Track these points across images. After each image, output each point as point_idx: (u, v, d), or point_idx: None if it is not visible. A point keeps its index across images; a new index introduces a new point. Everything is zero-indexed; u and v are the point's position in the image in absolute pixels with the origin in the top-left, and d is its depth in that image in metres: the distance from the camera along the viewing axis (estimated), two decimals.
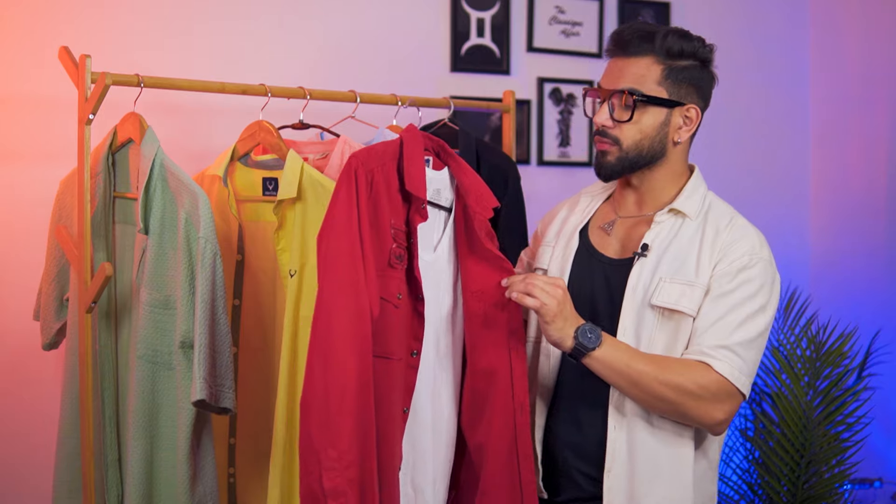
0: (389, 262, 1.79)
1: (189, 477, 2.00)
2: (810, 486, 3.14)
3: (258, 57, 2.73)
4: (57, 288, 2.23)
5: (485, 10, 3.08)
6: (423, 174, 1.82)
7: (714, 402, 1.76)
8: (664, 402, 1.76)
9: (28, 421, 2.49)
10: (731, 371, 1.76)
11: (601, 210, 2.01)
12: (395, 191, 1.82)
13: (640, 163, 1.87)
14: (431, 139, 1.93)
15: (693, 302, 1.80)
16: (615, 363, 1.75)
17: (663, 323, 1.82)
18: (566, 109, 3.23)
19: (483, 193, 1.90)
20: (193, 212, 1.98)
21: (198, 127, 2.61)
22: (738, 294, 1.80)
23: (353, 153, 1.82)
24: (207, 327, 1.96)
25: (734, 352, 1.77)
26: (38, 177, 2.40)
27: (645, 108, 1.84)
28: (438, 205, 1.91)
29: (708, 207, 1.90)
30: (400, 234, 1.81)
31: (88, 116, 2.01)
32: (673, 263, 1.84)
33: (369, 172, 1.78)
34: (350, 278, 1.71)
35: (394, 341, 1.80)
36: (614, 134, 1.85)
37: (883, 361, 3.29)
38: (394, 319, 1.79)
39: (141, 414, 2.02)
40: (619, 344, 1.79)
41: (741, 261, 1.81)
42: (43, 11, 2.50)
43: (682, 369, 1.76)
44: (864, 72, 3.49)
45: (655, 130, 1.86)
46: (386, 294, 1.78)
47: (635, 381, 1.75)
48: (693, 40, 1.86)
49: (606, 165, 1.88)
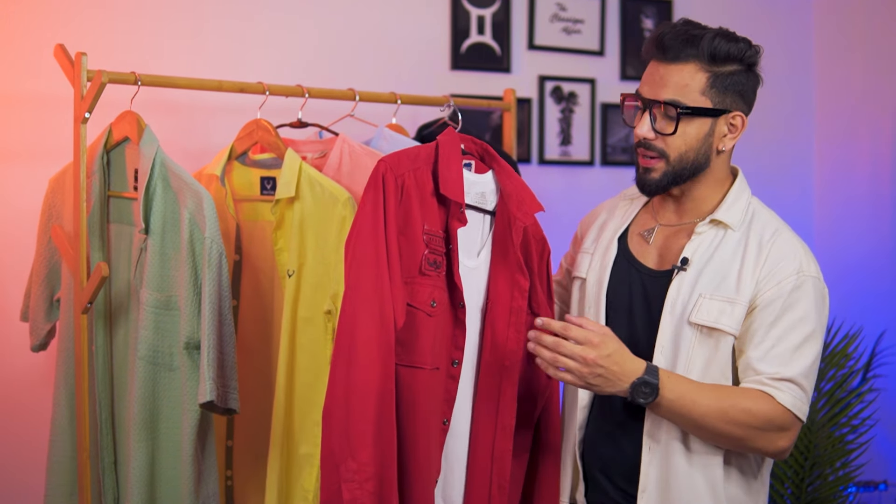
0: (421, 270, 1.75)
1: (194, 479, 1.99)
2: (814, 489, 3.13)
3: (256, 55, 2.72)
4: (47, 288, 2.22)
5: (485, 8, 3.07)
6: (460, 178, 1.78)
7: (779, 432, 1.73)
8: (729, 439, 1.73)
9: (18, 422, 2.48)
10: (795, 402, 1.72)
11: (640, 215, 1.95)
12: (428, 195, 1.77)
13: (685, 175, 1.80)
14: (475, 142, 1.89)
15: (734, 320, 1.75)
16: (679, 406, 1.70)
17: (702, 340, 1.77)
18: (567, 108, 3.21)
19: (525, 198, 1.84)
20: (198, 212, 1.97)
21: (195, 126, 2.61)
22: (790, 317, 1.75)
23: (382, 158, 1.76)
24: (215, 328, 1.96)
25: (797, 383, 1.73)
26: (33, 176, 2.39)
27: (690, 119, 1.76)
28: (482, 209, 1.86)
29: (752, 216, 1.84)
30: (436, 239, 1.77)
31: (84, 115, 2.01)
32: (714, 279, 1.78)
33: (399, 177, 1.74)
34: (374, 287, 1.68)
35: (427, 351, 1.75)
36: (659, 146, 1.78)
37: (888, 363, 3.28)
38: (427, 328, 1.75)
39: (142, 415, 2.01)
40: (677, 385, 1.70)
41: (789, 281, 1.76)
42: (39, 9, 2.49)
43: (746, 403, 1.71)
44: (869, 66, 3.48)
45: (700, 141, 1.78)
46: (416, 302, 1.74)
47: (699, 425, 1.71)
48: (739, 42, 1.77)
49: (651, 182, 1.81)
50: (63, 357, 2.16)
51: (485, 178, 1.87)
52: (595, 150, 3.28)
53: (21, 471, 2.47)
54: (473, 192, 1.84)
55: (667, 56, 1.76)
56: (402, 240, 1.74)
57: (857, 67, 3.53)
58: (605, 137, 3.28)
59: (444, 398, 1.78)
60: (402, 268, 1.73)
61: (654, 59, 1.80)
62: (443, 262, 1.78)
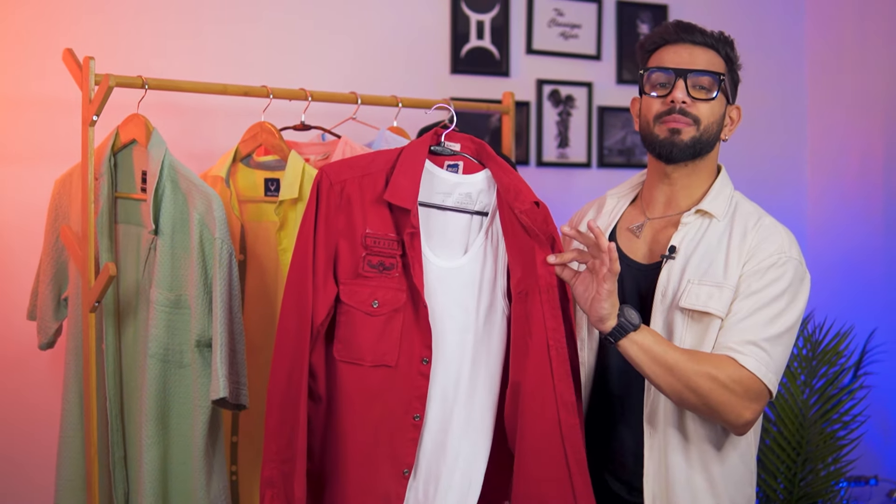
0: (358, 272, 1.78)
1: (205, 474, 2.00)
2: (807, 484, 3.14)
3: (260, 59, 2.73)
4: (54, 288, 2.23)
5: (484, 13, 3.08)
6: (415, 184, 1.78)
7: (744, 400, 1.72)
8: (695, 394, 1.70)
9: (27, 419, 2.49)
10: (758, 366, 1.72)
11: (628, 212, 1.98)
12: (372, 200, 1.79)
13: (704, 149, 1.87)
14: (474, 141, 1.88)
15: (722, 303, 1.77)
16: (654, 348, 1.70)
17: (692, 325, 1.79)
18: (565, 111, 3.22)
19: (521, 189, 1.83)
20: (207, 213, 1.98)
21: (200, 128, 2.61)
22: (766, 292, 1.77)
23: (323, 166, 1.82)
24: (227, 326, 1.97)
25: (760, 347, 1.73)
26: (40, 177, 2.39)
27: (721, 91, 1.86)
28: (467, 210, 1.85)
29: (735, 208, 1.88)
30: (384, 242, 1.78)
31: (92, 118, 2.01)
32: (701, 265, 1.81)
33: (337, 184, 1.78)
34: (297, 286, 1.76)
35: (368, 348, 1.77)
36: (693, 112, 1.84)
37: (878, 360, 3.29)
38: (367, 327, 1.77)
39: (153, 411, 2.02)
40: (655, 332, 1.75)
41: (770, 259, 1.79)
42: (47, 14, 2.50)
43: (716, 361, 1.72)
44: (860, 69, 3.49)
45: (719, 118, 1.88)
46: (353, 302, 1.77)
47: (671, 368, 1.69)
48: (735, 50, 1.91)
49: (680, 143, 1.84)
50: (72, 355, 2.17)
51: (473, 178, 1.86)
52: (592, 153, 3.28)
53: (32, 466, 2.48)
54: (456, 194, 1.84)
55: (695, 39, 1.87)
56: (344, 243, 1.78)
57: (848, 73, 3.54)
58: (602, 140, 3.29)
59: (411, 395, 1.79)
60: (341, 269, 1.78)
61: (677, 42, 1.87)
62: (395, 264, 1.79)
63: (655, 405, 1.82)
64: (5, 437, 2.48)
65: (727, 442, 1.83)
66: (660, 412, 1.82)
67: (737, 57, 1.91)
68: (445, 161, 1.87)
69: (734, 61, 1.90)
